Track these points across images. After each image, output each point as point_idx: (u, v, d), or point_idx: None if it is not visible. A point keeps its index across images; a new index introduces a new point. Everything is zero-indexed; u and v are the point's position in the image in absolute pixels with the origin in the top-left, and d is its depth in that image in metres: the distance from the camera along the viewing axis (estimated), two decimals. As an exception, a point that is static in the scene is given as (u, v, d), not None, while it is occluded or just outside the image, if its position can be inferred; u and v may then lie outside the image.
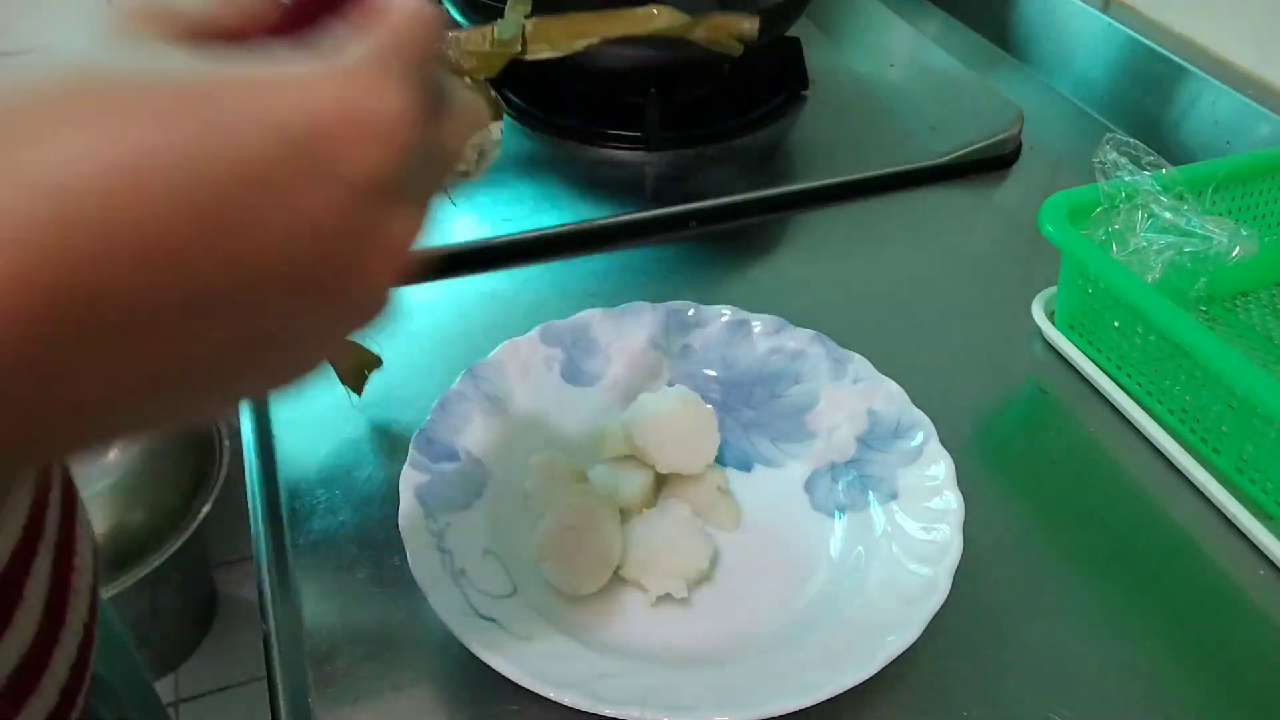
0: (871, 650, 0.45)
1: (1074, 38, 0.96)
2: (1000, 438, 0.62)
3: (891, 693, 0.47)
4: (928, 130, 0.87)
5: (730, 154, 0.85)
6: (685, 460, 0.53)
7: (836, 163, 0.83)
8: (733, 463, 0.57)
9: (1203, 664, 0.50)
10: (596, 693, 0.43)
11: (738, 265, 0.76)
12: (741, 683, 0.45)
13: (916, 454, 0.54)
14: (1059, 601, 0.52)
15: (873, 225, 0.80)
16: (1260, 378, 0.53)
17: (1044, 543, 0.55)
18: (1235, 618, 0.52)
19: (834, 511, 0.54)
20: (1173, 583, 0.54)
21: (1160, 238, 0.63)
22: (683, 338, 0.61)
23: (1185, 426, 0.60)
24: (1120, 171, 0.65)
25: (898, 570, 0.49)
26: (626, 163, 0.83)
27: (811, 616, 0.49)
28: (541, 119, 0.87)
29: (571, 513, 0.50)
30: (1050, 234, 0.63)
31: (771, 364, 0.60)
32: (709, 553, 0.51)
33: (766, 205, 0.80)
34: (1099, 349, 0.65)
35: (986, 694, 0.48)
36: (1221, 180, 0.68)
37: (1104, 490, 0.58)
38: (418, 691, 0.47)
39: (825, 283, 0.73)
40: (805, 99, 0.91)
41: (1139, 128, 0.89)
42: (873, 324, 0.69)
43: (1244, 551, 0.55)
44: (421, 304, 0.69)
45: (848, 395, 0.58)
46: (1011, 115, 0.88)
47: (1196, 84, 0.84)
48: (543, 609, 0.49)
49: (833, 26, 1.04)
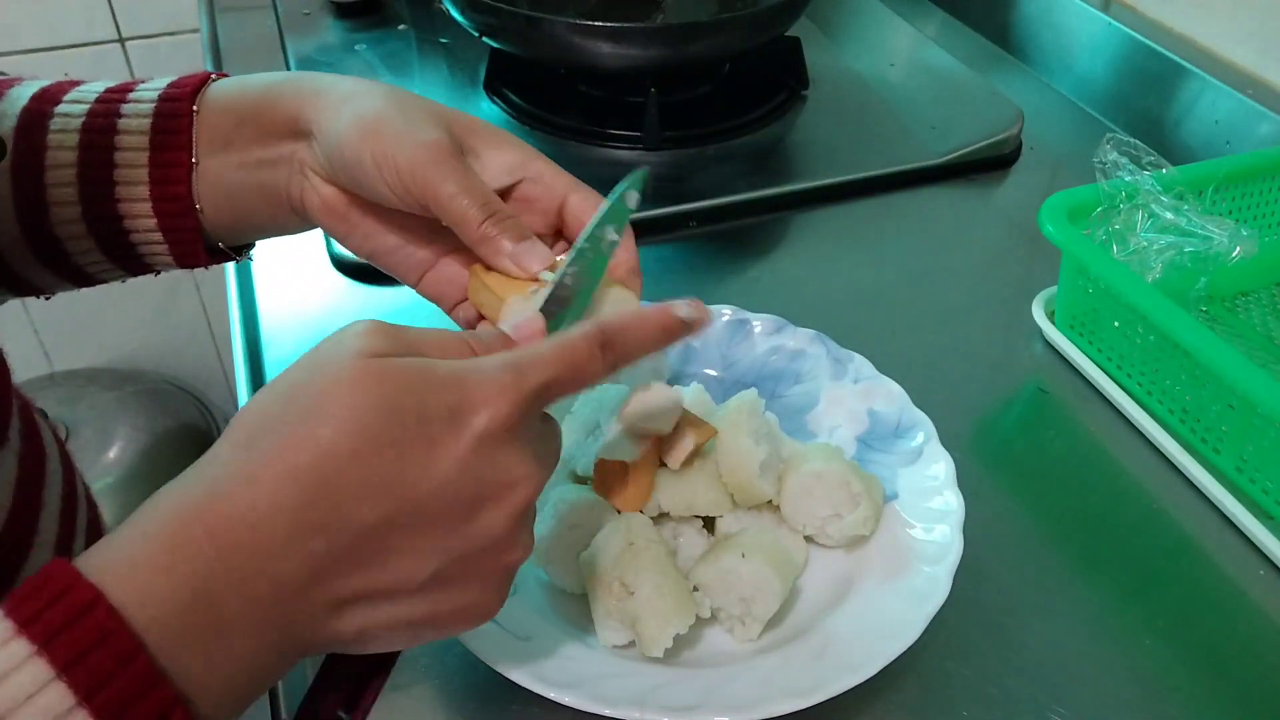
0: (872, 651, 0.45)
1: (1074, 38, 0.96)
2: (1000, 438, 0.62)
3: (891, 693, 0.47)
4: (928, 130, 0.87)
5: (730, 154, 0.85)
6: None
7: (836, 163, 0.83)
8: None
9: (1203, 664, 0.50)
10: (596, 693, 0.43)
11: (738, 265, 0.76)
12: (741, 683, 0.45)
13: (917, 454, 0.54)
14: (1059, 601, 0.52)
15: (873, 225, 0.80)
16: (1260, 378, 0.53)
17: (1044, 543, 0.55)
18: (1235, 618, 0.52)
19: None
20: (1173, 583, 0.54)
21: (1160, 238, 0.63)
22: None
23: (1185, 426, 0.60)
24: (1120, 171, 0.65)
25: (898, 570, 0.49)
26: (626, 162, 0.83)
27: (812, 617, 0.49)
28: (542, 119, 0.87)
29: (572, 512, 0.50)
30: (1050, 234, 0.63)
31: (772, 364, 0.60)
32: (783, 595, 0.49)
33: (766, 205, 0.80)
34: (1099, 349, 0.65)
35: (986, 694, 0.48)
36: (1221, 180, 0.68)
37: (1104, 490, 0.58)
38: (418, 691, 0.47)
39: (825, 282, 0.73)
40: (805, 99, 0.91)
41: (1139, 128, 0.89)
42: (873, 324, 0.69)
43: (1244, 551, 0.55)
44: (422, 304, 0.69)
45: (848, 395, 0.58)
46: (1011, 115, 0.88)
47: (1196, 84, 0.84)
48: (543, 609, 0.49)
49: (833, 26, 1.04)
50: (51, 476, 0.41)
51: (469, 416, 0.33)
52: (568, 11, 0.91)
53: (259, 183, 0.47)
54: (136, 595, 0.29)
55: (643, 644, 0.45)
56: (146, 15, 1.25)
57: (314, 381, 0.32)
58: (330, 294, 0.71)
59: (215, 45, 1.01)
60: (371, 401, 0.32)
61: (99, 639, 0.28)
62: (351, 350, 0.33)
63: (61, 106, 0.47)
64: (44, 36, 1.22)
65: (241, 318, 0.69)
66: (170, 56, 1.27)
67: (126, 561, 0.30)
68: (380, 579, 0.33)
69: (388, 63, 0.96)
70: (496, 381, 0.33)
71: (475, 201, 0.42)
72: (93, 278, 0.50)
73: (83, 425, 1.30)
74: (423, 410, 0.32)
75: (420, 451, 0.32)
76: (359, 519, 0.31)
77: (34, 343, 1.43)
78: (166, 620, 0.29)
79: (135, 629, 0.28)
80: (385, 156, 0.41)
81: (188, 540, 0.30)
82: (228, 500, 0.31)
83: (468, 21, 0.85)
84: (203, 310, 1.49)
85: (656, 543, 0.48)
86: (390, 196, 0.43)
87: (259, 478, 0.31)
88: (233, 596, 0.30)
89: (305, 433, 0.31)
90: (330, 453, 0.31)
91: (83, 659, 0.28)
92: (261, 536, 0.30)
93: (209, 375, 1.54)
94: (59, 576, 0.29)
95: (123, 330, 1.47)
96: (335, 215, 0.46)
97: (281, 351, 0.66)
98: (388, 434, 0.32)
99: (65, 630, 0.28)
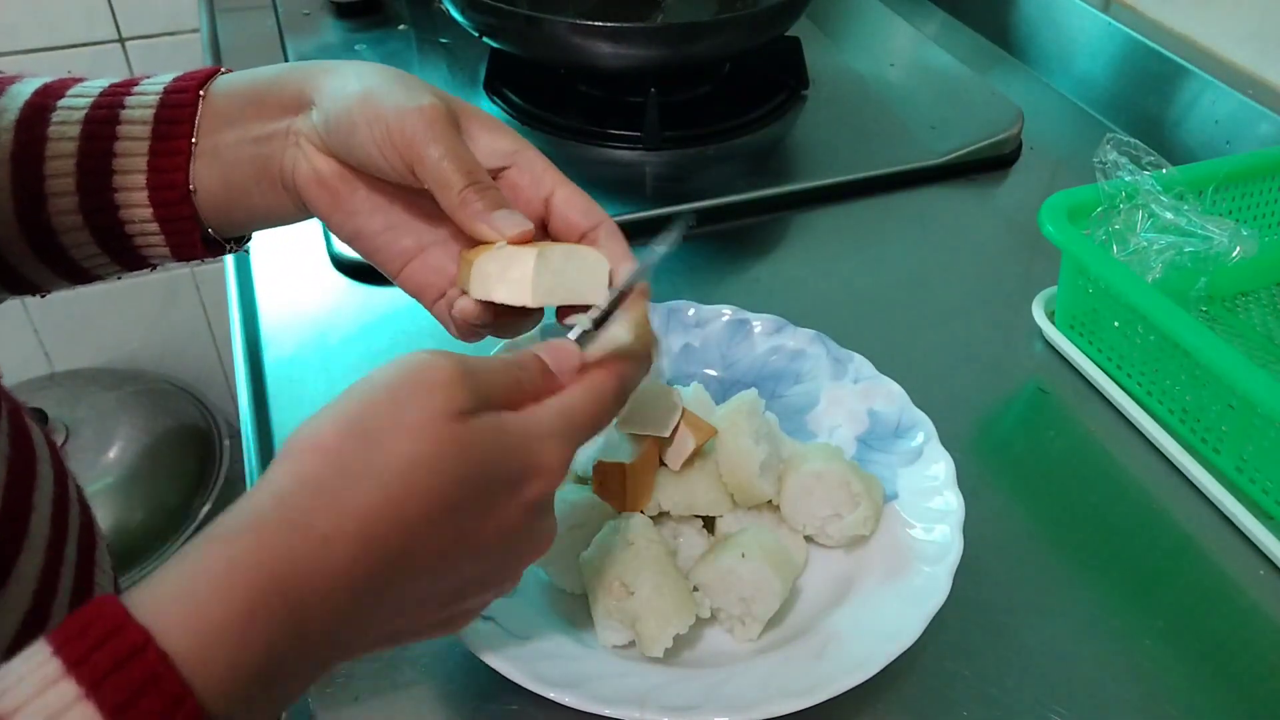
0: (872, 651, 0.45)
1: (1074, 38, 0.96)
2: (1000, 438, 0.62)
3: (891, 693, 0.47)
4: (928, 130, 0.87)
5: (730, 154, 0.85)
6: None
7: (836, 163, 0.83)
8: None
9: (1203, 664, 0.50)
10: (596, 693, 0.43)
11: (738, 265, 0.76)
12: (741, 683, 0.45)
13: (917, 454, 0.54)
14: (1059, 601, 0.52)
15: (873, 225, 0.80)
16: (1260, 378, 0.53)
17: (1044, 543, 0.55)
18: (1235, 618, 0.52)
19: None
20: (1173, 583, 0.54)
21: (1160, 238, 0.63)
22: (683, 337, 0.61)
23: (1185, 426, 0.60)
24: (1120, 171, 0.65)
25: (898, 570, 0.49)
26: (626, 162, 0.83)
27: (812, 617, 0.49)
28: (542, 119, 0.87)
29: (572, 513, 0.50)
30: (1050, 234, 0.63)
31: (772, 364, 0.60)
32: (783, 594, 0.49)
33: (766, 205, 0.80)
34: (1099, 349, 0.65)
35: (986, 694, 0.48)
36: (1221, 180, 0.68)
37: (1104, 490, 0.58)
38: (418, 691, 0.47)
39: (825, 282, 0.73)
40: (805, 99, 0.91)
41: (1139, 128, 0.89)
42: (873, 324, 0.69)
43: (1244, 551, 0.55)
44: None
45: (848, 395, 0.58)
46: (1011, 115, 0.88)
47: (1196, 84, 0.84)
48: (543, 609, 0.49)
49: (833, 26, 1.04)
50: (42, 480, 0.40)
51: (531, 485, 0.36)
52: (568, 11, 0.91)
53: (253, 156, 0.46)
54: (206, 665, 0.29)
55: (643, 644, 0.45)
56: (146, 15, 1.25)
57: (398, 432, 0.33)
58: (330, 294, 0.71)
59: (215, 45, 1.01)
60: (457, 475, 0.34)
61: (148, 682, 0.28)
62: (437, 411, 0.34)
63: (65, 100, 0.47)
64: (44, 36, 1.22)
65: (241, 318, 0.69)
66: (170, 56, 1.27)
67: (195, 621, 0.29)
68: (416, 621, 0.37)
69: (388, 63, 0.95)
70: (557, 454, 0.37)
71: (459, 167, 0.42)
72: (89, 273, 0.50)
73: (83, 425, 1.30)
74: (496, 480, 0.35)
75: (481, 515, 0.35)
76: (418, 583, 0.34)
77: (34, 343, 1.43)
78: (233, 681, 0.29)
79: (184, 674, 0.28)
80: (377, 116, 0.42)
81: (261, 607, 0.30)
82: (304, 563, 0.31)
83: (468, 21, 0.85)
84: (203, 310, 1.49)
85: (656, 543, 0.48)
86: (378, 157, 0.43)
87: (336, 539, 0.31)
88: (297, 660, 0.31)
89: (387, 499, 0.32)
90: (411, 523, 0.33)
91: (133, 703, 0.27)
92: (331, 606, 0.31)
93: (209, 375, 1.54)
94: (109, 616, 0.28)
95: (123, 330, 1.46)
96: (323, 187, 0.46)
97: (281, 351, 0.66)
98: (464, 506, 0.34)
99: (115, 673, 0.27)
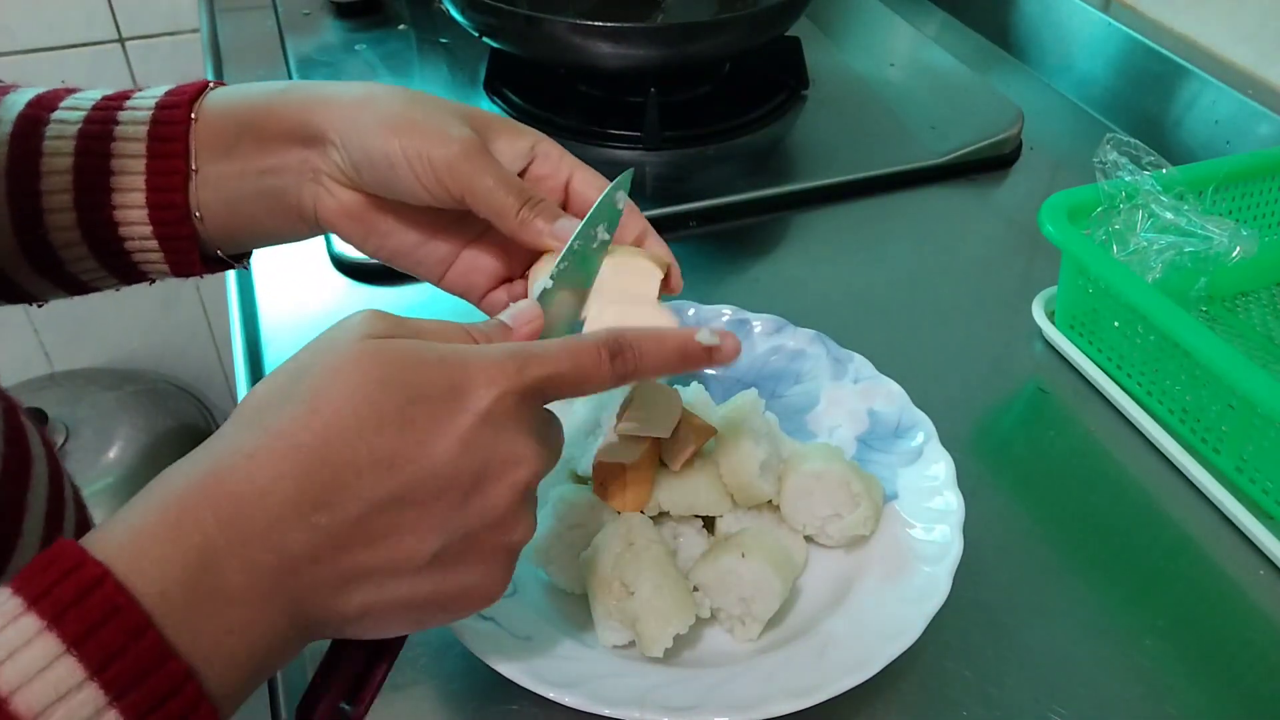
0: (872, 652, 0.45)
1: (1074, 38, 0.96)
2: (1000, 438, 0.62)
3: (891, 693, 0.47)
4: (928, 130, 0.87)
5: (730, 154, 0.85)
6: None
7: (836, 163, 0.83)
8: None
9: (1203, 664, 0.50)
10: (596, 693, 0.43)
11: (738, 265, 0.76)
12: (741, 683, 0.45)
13: (917, 454, 0.54)
14: (1059, 601, 0.52)
15: (873, 225, 0.80)
16: (1260, 378, 0.53)
17: (1044, 543, 0.55)
18: (1235, 618, 0.52)
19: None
20: (1173, 583, 0.54)
21: (1160, 238, 0.63)
22: (683, 338, 0.61)
23: (1185, 426, 0.60)
24: (1120, 171, 0.65)
25: (898, 570, 0.49)
26: (626, 162, 0.83)
27: (812, 617, 0.49)
28: (542, 119, 0.87)
29: (572, 512, 0.50)
30: (1050, 234, 0.63)
31: (772, 364, 0.60)
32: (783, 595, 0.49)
33: (766, 205, 0.80)
34: (1099, 349, 0.65)
35: (986, 694, 0.48)
36: (1221, 180, 0.68)
37: (1104, 490, 0.58)
38: (418, 691, 0.47)
39: (825, 282, 0.73)
40: (805, 99, 0.91)
41: (1139, 128, 0.89)
42: (873, 324, 0.69)
43: (1244, 551, 0.55)
44: (423, 304, 0.69)
45: (848, 395, 0.58)
46: (1011, 115, 0.88)
47: (1196, 84, 0.84)
48: (543, 609, 0.49)
49: (833, 26, 1.04)
50: (37, 480, 0.41)
51: (470, 394, 0.34)
52: (568, 11, 0.91)
53: (262, 190, 0.47)
54: (141, 567, 0.29)
55: (643, 644, 0.45)
56: (146, 15, 1.24)
57: (316, 363, 0.33)
58: (330, 294, 0.71)
59: (215, 45, 1.01)
60: (373, 377, 0.32)
61: (108, 613, 0.28)
62: (353, 333, 0.34)
63: (58, 113, 0.47)
64: (44, 36, 1.22)
65: (241, 318, 0.69)
66: (170, 56, 1.27)
67: (131, 535, 0.30)
68: (384, 555, 0.33)
69: (388, 63, 0.96)
70: (499, 365, 0.34)
71: (511, 191, 0.44)
72: (87, 285, 0.50)
73: (83, 425, 1.30)
74: (424, 387, 0.33)
75: (421, 428, 0.33)
76: (361, 494, 0.32)
77: (34, 343, 1.43)
78: (172, 591, 0.29)
79: (144, 604, 0.29)
80: (418, 154, 0.43)
81: (189, 512, 0.31)
82: (229, 474, 0.31)
83: (468, 21, 0.85)
84: (203, 310, 1.49)
85: (656, 543, 0.48)
86: (422, 193, 0.44)
87: (261, 452, 0.32)
88: (236, 567, 0.31)
89: (308, 410, 0.32)
90: (332, 428, 0.32)
91: (93, 634, 0.28)
92: (263, 508, 0.31)
93: (209, 375, 1.54)
94: (67, 554, 0.29)
95: (123, 330, 1.47)
96: (353, 219, 0.47)
97: (281, 351, 0.66)
98: (389, 410, 0.32)
99: (74, 606, 0.28)
